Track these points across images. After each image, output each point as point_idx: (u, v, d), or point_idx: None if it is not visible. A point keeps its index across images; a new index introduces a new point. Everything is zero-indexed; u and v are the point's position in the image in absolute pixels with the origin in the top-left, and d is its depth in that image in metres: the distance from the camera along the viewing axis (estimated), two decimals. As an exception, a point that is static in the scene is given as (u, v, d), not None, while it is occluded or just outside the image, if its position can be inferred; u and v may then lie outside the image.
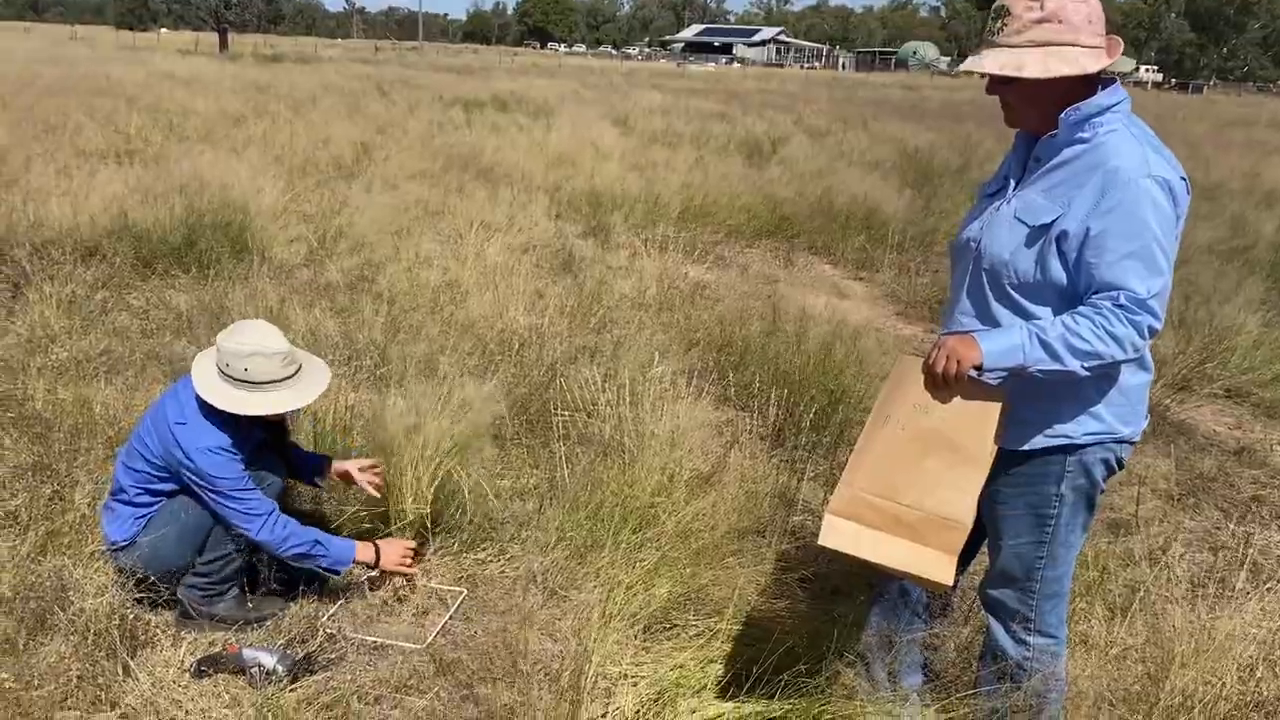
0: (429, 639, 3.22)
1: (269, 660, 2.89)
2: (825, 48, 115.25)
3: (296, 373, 3.18)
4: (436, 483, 3.55)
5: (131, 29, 66.08)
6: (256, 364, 3.06)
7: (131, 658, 2.83)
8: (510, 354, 5.05)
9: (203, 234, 6.93)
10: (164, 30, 69.88)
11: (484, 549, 3.68)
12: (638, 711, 2.80)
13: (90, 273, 6.44)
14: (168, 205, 7.22)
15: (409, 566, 3.39)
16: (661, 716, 2.78)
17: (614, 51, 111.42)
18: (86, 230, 7.09)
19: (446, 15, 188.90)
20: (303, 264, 7.16)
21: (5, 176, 8.86)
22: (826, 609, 3.25)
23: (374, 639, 3.20)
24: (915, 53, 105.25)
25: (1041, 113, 2.32)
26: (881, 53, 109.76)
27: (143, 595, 3.14)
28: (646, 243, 7.83)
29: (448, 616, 3.36)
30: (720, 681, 2.88)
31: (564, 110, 18.76)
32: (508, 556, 3.66)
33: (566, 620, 3.26)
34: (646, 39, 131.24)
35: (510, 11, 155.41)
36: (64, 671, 2.63)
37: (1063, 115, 2.27)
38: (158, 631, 3.12)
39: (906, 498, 2.28)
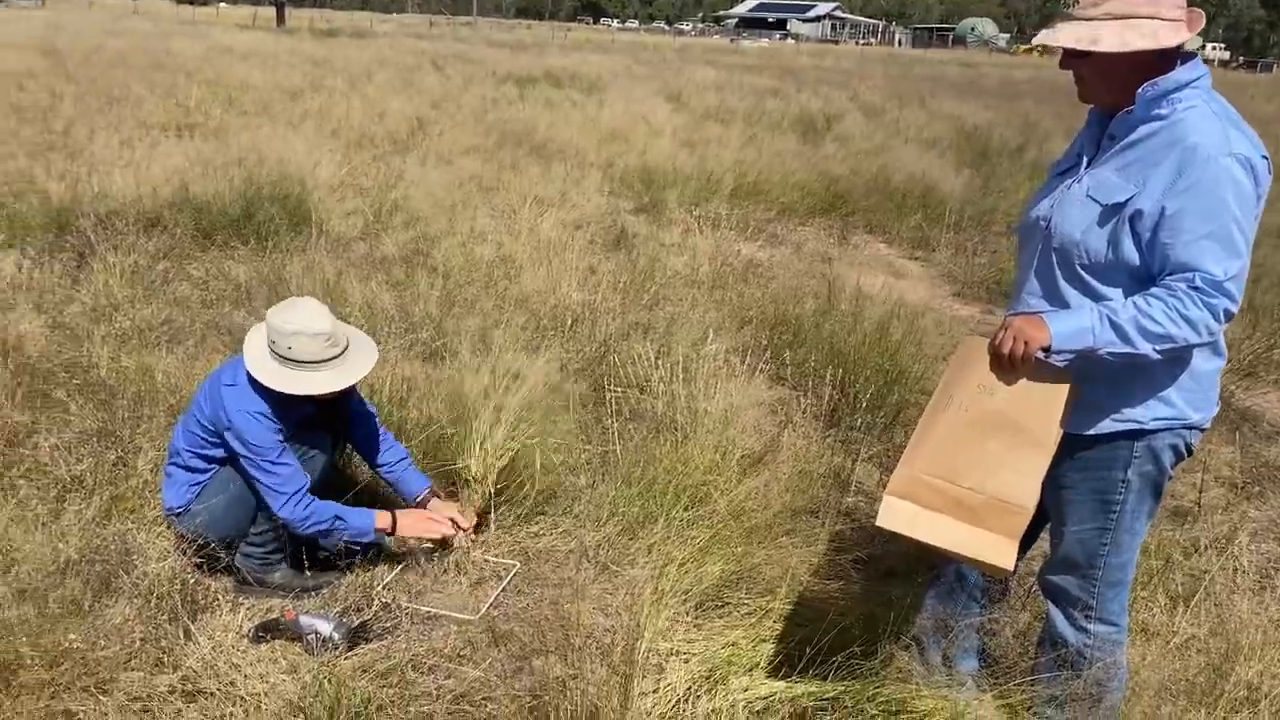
0: (482, 610, 3.24)
1: (325, 628, 2.93)
2: (881, 24, 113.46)
3: (341, 354, 3.20)
4: (503, 459, 3.57)
5: (191, 3, 66.88)
6: (300, 344, 3.10)
7: (192, 622, 2.89)
8: (563, 330, 5.06)
9: (261, 206, 7.01)
10: (223, 5, 70.79)
11: (538, 523, 3.69)
12: (689, 688, 2.79)
13: (152, 243, 6.54)
14: (227, 178, 7.32)
15: (434, 533, 3.40)
16: (713, 694, 2.77)
17: (667, 27, 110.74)
18: (149, 202, 7.21)
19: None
20: (359, 237, 7.21)
21: (71, 147, 9.05)
22: (881, 591, 3.22)
23: (428, 609, 3.24)
24: (974, 29, 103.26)
25: (1117, 88, 2.25)
26: (939, 29, 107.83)
27: (202, 560, 3.20)
28: (699, 220, 7.78)
29: (500, 589, 3.38)
30: (772, 661, 2.86)
31: (616, 86, 18.69)
32: (560, 530, 3.67)
33: (618, 595, 3.27)
34: (700, 14, 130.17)
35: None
36: (128, 634, 2.68)
37: (1140, 91, 2.20)
38: (217, 597, 3.18)
39: (968, 480, 2.24)
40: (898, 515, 2.28)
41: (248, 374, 3.16)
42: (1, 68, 15.07)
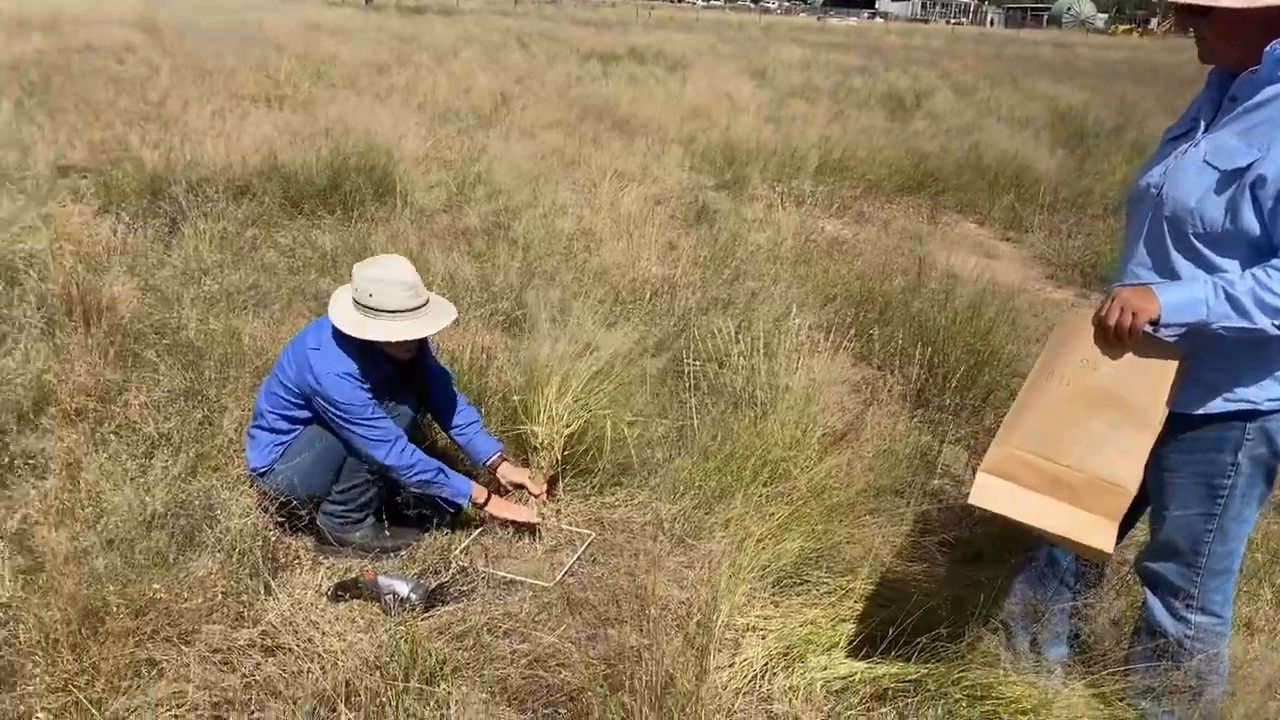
0: (558, 577, 3.22)
1: (403, 588, 2.94)
2: (973, 3, 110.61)
3: (422, 307, 3.21)
4: (571, 428, 3.54)
5: None
6: (383, 290, 3.12)
7: (273, 578, 2.92)
8: (642, 303, 5.01)
9: (347, 177, 7.09)
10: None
11: (613, 493, 3.66)
12: (766, 664, 2.74)
13: (241, 211, 6.67)
14: (314, 148, 7.42)
15: (520, 518, 3.41)
16: (790, 671, 2.72)
17: (752, 5, 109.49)
18: (238, 170, 7.35)
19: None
20: (442, 209, 7.25)
21: (165, 117, 9.26)
22: (968, 574, 3.12)
23: (504, 574, 3.23)
24: (1070, 9, 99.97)
25: (1241, 47, 2.11)
26: (1034, 9, 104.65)
27: (284, 519, 3.24)
28: (783, 196, 7.65)
29: (576, 557, 3.36)
30: (852, 641, 2.79)
31: (700, 63, 18.53)
32: (636, 502, 3.64)
33: (694, 569, 3.22)
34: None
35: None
36: (210, 587, 2.72)
37: (1267, 50, 2.06)
38: (298, 554, 3.22)
39: (1067, 458, 2.14)
40: (991, 493, 2.18)
41: (333, 335, 3.18)
42: (102, 42, 15.52)
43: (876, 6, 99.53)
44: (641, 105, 11.71)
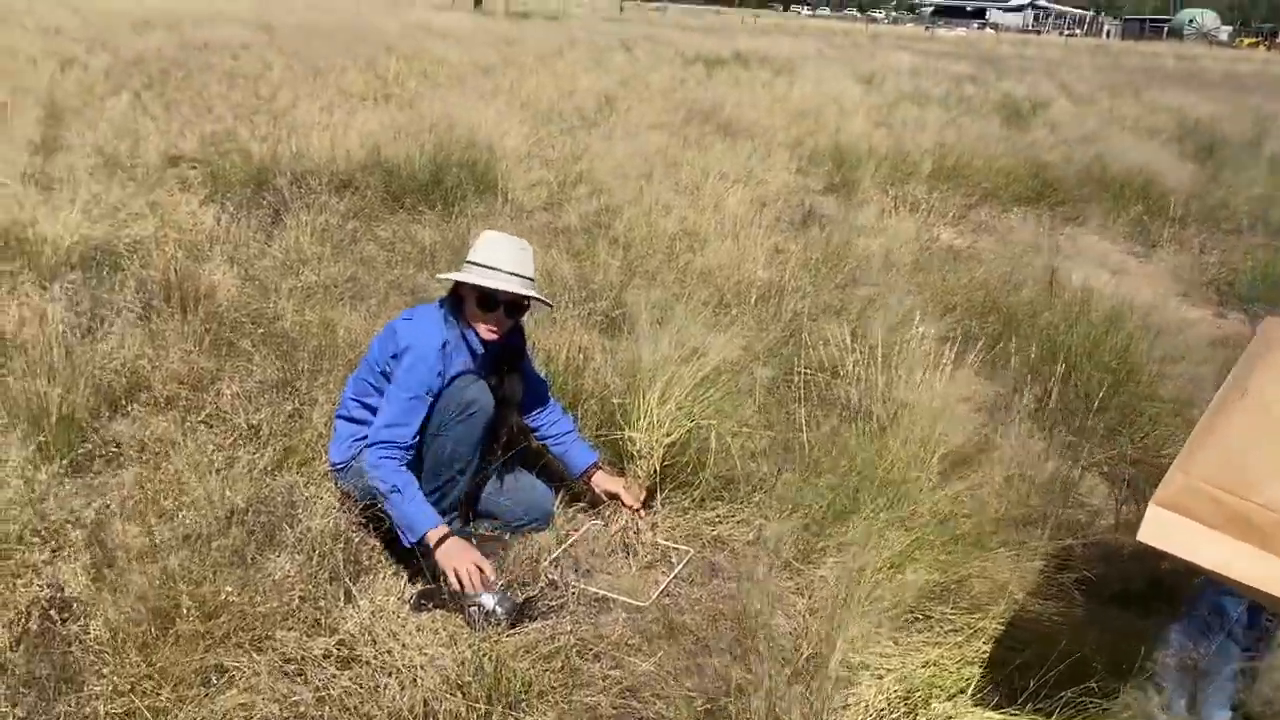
0: (653, 597, 2.99)
1: (489, 601, 2.74)
2: (1088, 14, 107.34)
3: (522, 279, 3.05)
4: (672, 436, 3.30)
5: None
6: (490, 245, 3.04)
7: (353, 583, 2.75)
8: (748, 306, 4.75)
9: (449, 172, 7.00)
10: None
11: (714, 508, 3.41)
12: (884, 709, 2.46)
13: (343, 203, 6.62)
14: (418, 144, 7.34)
15: (461, 579, 2.78)
16: (912, 717, 2.43)
17: (859, 15, 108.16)
18: (343, 164, 7.33)
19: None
20: (542, 206, 7.11)
21: (275, 111, 9.34)
22: (1110, 617, 2.79)
23: (597, 590, 3.01)
24: (1192, 20, 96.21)
25: None
26: (1153, 20, 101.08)
27: (367, 520, 3.07)
28: (895, 201, 7.30)
29: (673, 575, 3.12)
30: (982, 687, 2.49)
31: (806, 68, 18.16)
32: (738, 519, 3.39)
33: (803, 597, 2.96)
34: (893, 3, 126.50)
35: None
36: (287, 590, 2.56)
37: None
38: (380, 559, 3.04)
39: (1262, 494, 1.81)
40: (1166, 531, 1.87)
41: (427, 309, 3.06)
42: (220, 40, 15.92)
43: (987, 17, 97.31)
44: (746, 108, 11.44)
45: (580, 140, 9.09)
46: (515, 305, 3.08)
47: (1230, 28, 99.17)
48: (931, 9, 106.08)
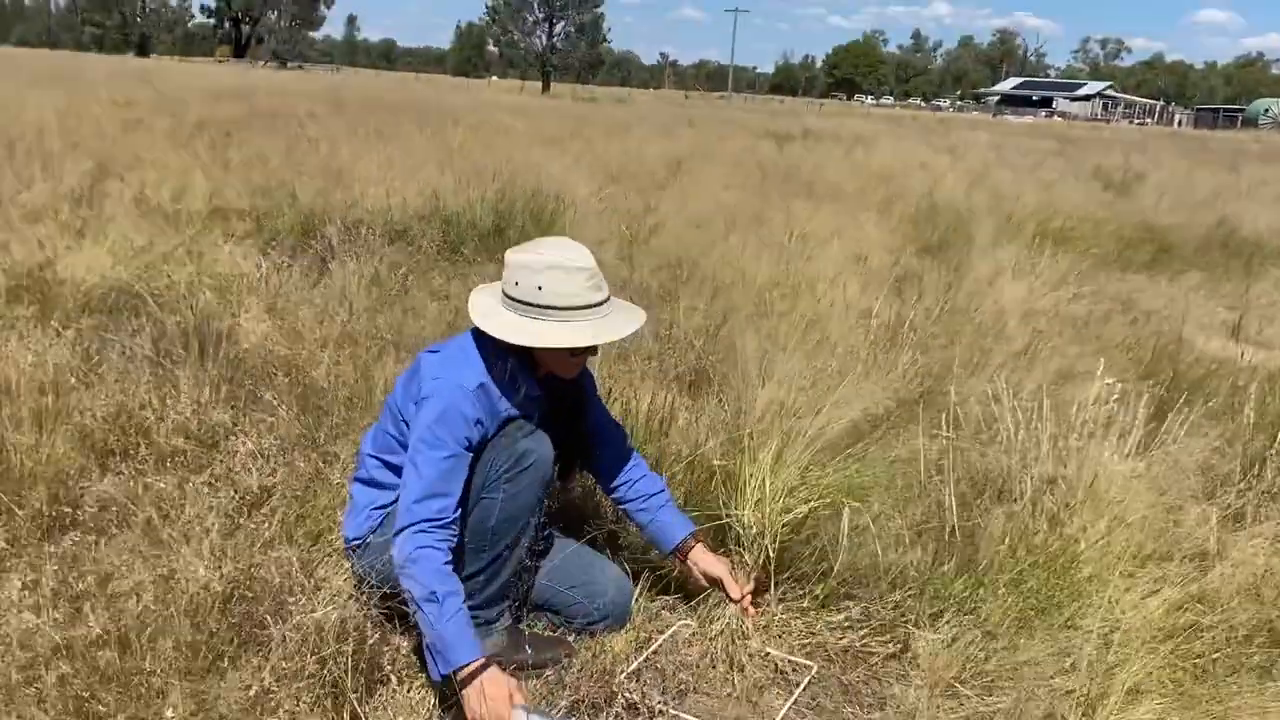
0: (772, 729, 2.20)
1: None
2: (1159, 104, 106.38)
3: (604, 301, 2.30)
4: (790, 514, 2.54)
5: (466, 75, 71.77)
6: (554, 280, 2.21)
7: (362, 702, 2.00)
8: (864, 360, 3.98)
9: (513, 220, 6.41)
10: (494, 78, 75.89)
11: (843, 610, 2.62)
12: None
13: (396, 252, 6.03)
14: (480, 191, 6.77)
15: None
16: None
17: (922, 104, 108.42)
18: (399, 214, 6.78)
19: (755, 68, 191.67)
20: (616, 259, 6.46)
21: (332, 168, 8.90)
22: None
23: (692, 718, 2.23)
24: (1268, 110, 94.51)
25: None
26: (1226, 110, 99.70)
27: (388, 611, 2.34)
28: (1009, 267, 6.50)
29: (792, 699, 2.33)
30: None
31: (880, 142, 17.57)
32: (874, 625, 2.59)
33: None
34: (958, 92, 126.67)
35: (819, 65, 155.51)
36: (269, 707, 1.82)
37: None
38: (404, 665, 2.29)
39: None
40: None
41: (460, 344, 2.33)
42: (288, 109, 15.80)
43: (1054, 106, 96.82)
44: (826, 171, 10.79)
45: (651, 198, 8.48)
46: None
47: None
48: (997, 99, 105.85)
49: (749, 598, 2.47)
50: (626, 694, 2.29)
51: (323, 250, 5.97)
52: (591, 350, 2.39)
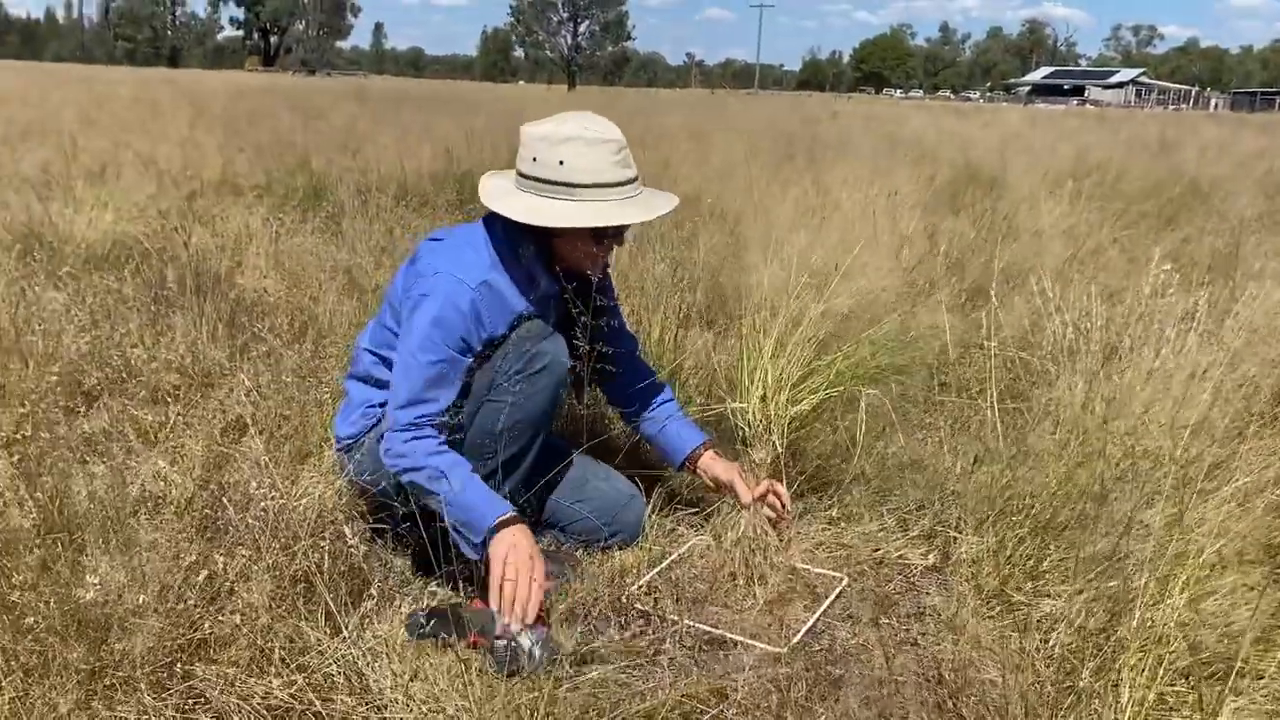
0: (796, 639, 1.97)
1: (526, 640, 1.76)
2: (1194, 89, 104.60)
3: (634, 183, 2.06)
4: (801, 404, 2.30)
5: (493, 80, 72.09)
6: (576, 153, 1.97)
7: (349, 607, 1.78)
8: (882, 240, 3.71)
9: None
10: (521, 82, 76.25)
11: (875, 519, 2.39)
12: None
13: (409, 213, 5.86)
14: (492, 144, 6.59)
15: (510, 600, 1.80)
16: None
17: (951, 95, 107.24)
18: (413, 178, 6.63)
19: (782, 65, 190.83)
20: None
21: (351, 145, 8.76)
22: None
23: (711, 628, 2.00)
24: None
25: None
26: (1264, 93, 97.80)
27: (380, 525, 2.13)
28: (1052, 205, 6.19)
29: (821, 609, 2.10)
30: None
31: (911, 119, 17.21)
32: (913, 535, 2.35)
33: (1018, 637, 1.90)
34: (988, 84, 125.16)
35: (845, 60, 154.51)
36: (247, 616, 1.61)
37: None
38: (395, 585, 2.08)
39: None
40: None
41: (467, 235, 2.11)
42: (311, 103, 15.75)
43: (1086, 94, 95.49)
44: (855, 137, 10.48)
45: (672, 157, 8.23)
46: None
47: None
48: (1028, 89, 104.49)
49: (764, 502, 2.23)
50: (638, 605, 2.08)
51: (334, 210, 5.81)
52: (618, 239, 2.16)
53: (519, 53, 73.27)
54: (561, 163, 1.97)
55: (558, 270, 2.15)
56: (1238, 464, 2.08)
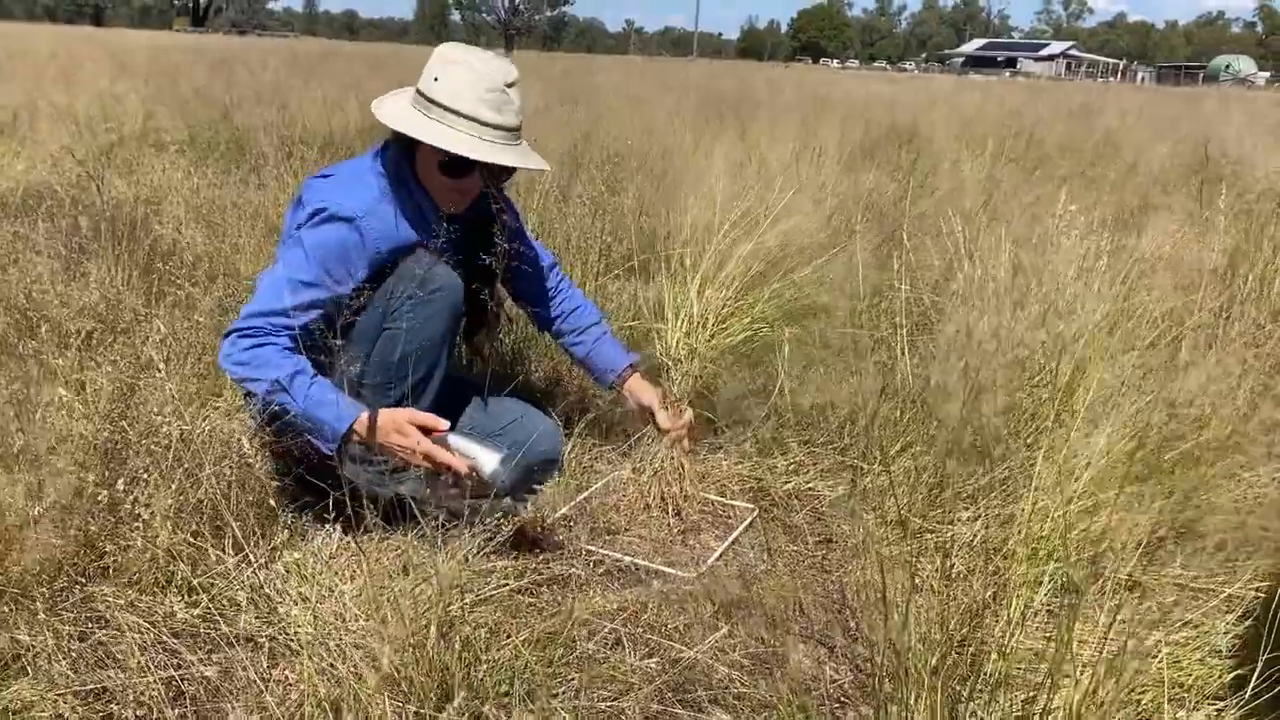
0: (708, 563, 2.02)
1: (489, 460, 1.87)
2: (1121, 63, 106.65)
3: (500, 130, 2.04)
4: (718, 339, 2.34)
5: (430, 45, 70.84)
6: (453, 76, 1.96)
7: (257, 538, 1.77)
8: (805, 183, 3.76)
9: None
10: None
11: (788, 452, 2.44)
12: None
13: (330, 163, 5.77)
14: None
15: (411, 453, 1.89)
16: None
17: (888, 66, 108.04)
18: (339, 134, 6.52)
19: (720, 34, 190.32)
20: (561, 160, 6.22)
21: (276, 100, 8.57)
22: None
23: (623, 556, 2.04)
24: (1228, 66, 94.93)
25: None
26: (1187, 67, 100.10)
27: (296, 465, 2.11)
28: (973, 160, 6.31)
29: (733, 537, 2.16)
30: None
31: (843, 82, 17.31)
32: (823, 468, 2.41)
33: (930, 562, 1.97)
34: (923, 55, 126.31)
35: (784, 30, 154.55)
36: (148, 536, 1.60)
37: None
38: (308, 524, 2.07)
39: None
40: None
41: (371, 157, 2.08)
42: (239, 59, 15.34)
43: (1018, 67, 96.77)
44: (781, 96, 10.51)
45: (603, 115, 8.17)
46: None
47: (1267, 74, 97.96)
48: (962, 60, 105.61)
49: (681, 430, 2.27)
50: (553, 538, 2.10)
51: (257, 163, 5.70)
52: (484, 179, 2.12)
53: (456, 16, 71.90)
54: (436, 79, 1.96)
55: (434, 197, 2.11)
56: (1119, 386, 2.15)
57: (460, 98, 1.96)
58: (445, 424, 1.89)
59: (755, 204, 2.66)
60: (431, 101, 1.96)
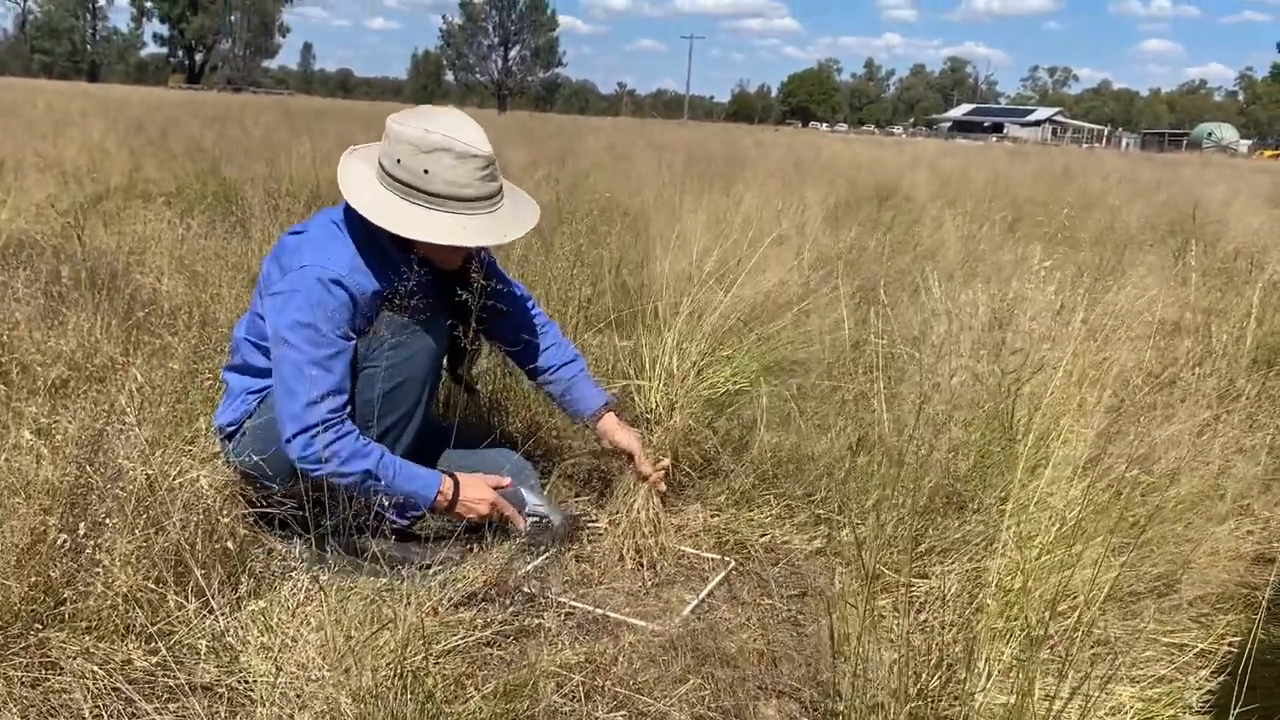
0: (682, 614, 2.00)
1: (553, 515, 2.21)
2: (1106, 129, 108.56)
3: (497, 196, 2.07)
4: (695, 390, 2.33)
5: (416, 105, 71.71)
6: (442, 165, 1.96)
7: (224, 586, 1.75)
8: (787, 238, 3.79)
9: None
10: (451, 107, 76.03)
11: (763, 505, 2.43)
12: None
13: (312, 213, 5.80)
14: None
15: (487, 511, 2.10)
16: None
17: (876, 130, 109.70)
18: (326, 186, 6.56)
19: (712, 97, 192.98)
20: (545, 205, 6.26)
21: (263, 152, 8.63)
22: None
23: (595, 609, 2.01)
24: (1211, 134, 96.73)
25: None
26: (1171, 134, 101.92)
27: (261, 512, 2.09)
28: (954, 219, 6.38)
29: (708, 590, 2.13)
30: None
31: (833, 145, 17.57)
32: (798, 520, 2.40)
33: (904, 616, 1.95)
34: (911, 119, 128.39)
35: (774, 94, 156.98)
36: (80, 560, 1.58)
37: None
38: (276, 573, 2.04)
39: None
40: None
41: (328, 221, 2.09)
42: (232, 115, 15.49)
43: (1005, 132, 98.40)
44: (770, 156, 10.65)
45: (590, 172, 8.25)
46: None
47: (1250, 142, 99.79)
48: (949, 124, 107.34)
49: (659, 477, 2.25)
50: (526, 587, 2.07)
51: (243, 215, 5.72)
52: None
53: (450, 77, 72.93)
54: (426, 171, 1.97)
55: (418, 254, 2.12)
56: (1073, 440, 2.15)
57: (463, 188, 2.00)
58: (508, 481, 2.15)
59: (735, 257, 2.68)
60: (434, 195, 1.98)
